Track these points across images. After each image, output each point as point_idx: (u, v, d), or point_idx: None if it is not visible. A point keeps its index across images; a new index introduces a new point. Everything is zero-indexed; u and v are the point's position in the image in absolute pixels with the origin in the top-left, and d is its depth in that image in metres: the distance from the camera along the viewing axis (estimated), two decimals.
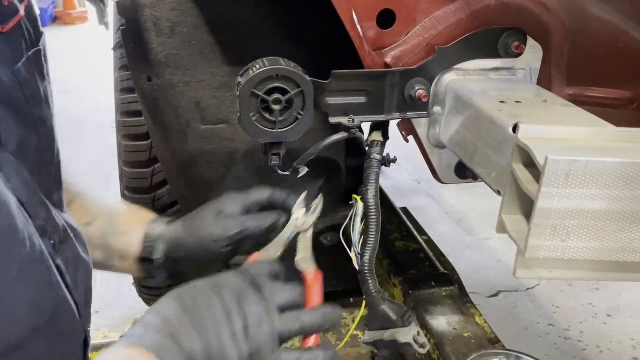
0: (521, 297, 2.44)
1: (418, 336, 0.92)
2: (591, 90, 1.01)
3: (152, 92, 1.10)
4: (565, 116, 0.83)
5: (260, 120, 0.88)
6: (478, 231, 2.89)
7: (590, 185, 0.65)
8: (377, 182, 0.98)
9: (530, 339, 2.18)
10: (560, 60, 0.99)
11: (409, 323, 0.95)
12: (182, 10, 1.06)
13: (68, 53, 5.84)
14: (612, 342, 2.17)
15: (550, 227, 0.68)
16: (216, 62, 1.09)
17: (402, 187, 3.34)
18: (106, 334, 1.84)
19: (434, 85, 0.98)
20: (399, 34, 0.97)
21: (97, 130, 3.88)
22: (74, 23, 7.40)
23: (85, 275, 0.74)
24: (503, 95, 0.89)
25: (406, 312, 0.96)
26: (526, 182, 0.70)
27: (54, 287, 0.65)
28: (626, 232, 0.67)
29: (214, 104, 1.11)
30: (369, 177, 0.97)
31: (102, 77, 3.39)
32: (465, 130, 0.92)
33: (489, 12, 0.94)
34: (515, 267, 0.72)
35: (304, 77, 0.87)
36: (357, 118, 0.96)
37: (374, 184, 0.97)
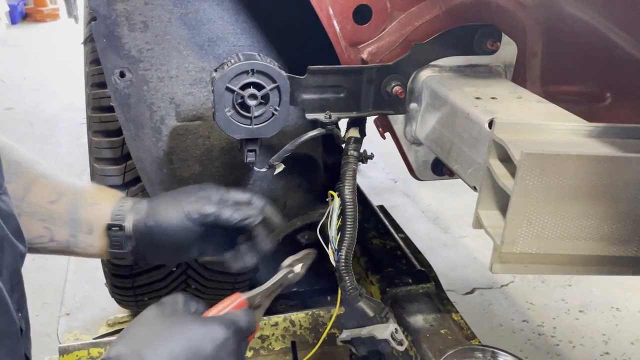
0: (496, 294, 2.47)
1: (396, 333, 0.92)
2: (564, 87, 1.02)
3: (125, 87, 1.08)
4: (539, 112, 0.84)
5: (236, 116, 0.87)
6: (454, 229, 2.92)
7: (564, 179, 0.65)
8: (354, 178, 0.98)
9: (505, 335, 2.21)
10: (534, 58, 1.00)
11: (386, 320, 0.95)
12: (155, 4, 1.04)
13: (39, 51, 5.71)
14: (584, 337, 2.21)
15: (526, 221, 0.68)
16: (191, 58, 1.08)
17: (379, 186, 3.35)
18: (78, 336, 1.80)
19: (411, 82, 0.98)
20: (375, 30, 0.97)
21: (69, 129, 3.79)
22: (44, 20, 7.24)
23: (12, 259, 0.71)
24: (479, 91, 0.90)
25: (384, 309, 0.96)
26: (502, 177, 0.71)
27: None
28: (600, 226, 0.68)
29: (189, 100, 1.09)
30: (346, 173, 0.97)
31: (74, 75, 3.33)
32: (442, 127, 0.92)
33: (464, 8, 0.95)
34: (492, 262, 0.72)
35: (280, 72, 0.86)
36: (334, 114, 0.95)
37: (351, 180, 0.97)
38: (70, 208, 0.90)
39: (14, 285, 0.71)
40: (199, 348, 0.68)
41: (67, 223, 0.90)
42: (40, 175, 0.91)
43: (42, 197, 0.88)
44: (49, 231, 0.90)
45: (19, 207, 0.87)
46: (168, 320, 0.72)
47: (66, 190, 0.91)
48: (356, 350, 0.99)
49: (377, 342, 0.94)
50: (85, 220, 0.90)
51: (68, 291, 2.14)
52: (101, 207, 0.90)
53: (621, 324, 2.29)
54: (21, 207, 0.88)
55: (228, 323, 0.72)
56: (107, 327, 1.85)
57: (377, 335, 0.93)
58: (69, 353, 1.33)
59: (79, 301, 2.10)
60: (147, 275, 1.41)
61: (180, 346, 0.67)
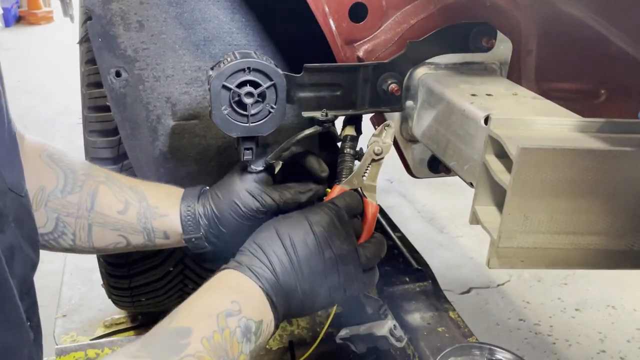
0: (492, 294, 2.47)
1: (394, 329, 0.93)
2: (559, 83, 1.03)
3: (121, 87, 1.08)
4: (534, 108, 0.84)
5: (232, 114, 0.87)
6: (450, 229, 2.92)
7: (560, 173, 0.66)
8: None
9: (502, 334, 2.21)
10: (529, 55, 1.00)
11: (384, 316, 0.95)
12: (151, 4, 1.04)
13: (33, 54, 5.70)
14: (580, 336, 2.22)
15: (523, 216, 0.69)
16: (186, 57, 1.08)
17: None
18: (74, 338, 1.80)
19: (407, 80, 0.98)
20: (371, 28, 0.97)
21: (64, 131, 3.78)
22: (39, 23, 7.22)
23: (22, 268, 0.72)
24: (474, 88, 0.90)
25: (382, 306, 0.97)
26: (498, 172, 0.71)
27: None
28: (596, 220, 0.68)
29: (185, 99, 1.09)
30: (342, 171, 0.97)
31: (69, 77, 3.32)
32: (438, 124, 0.93)
33: (459, 6, 0.95)
34: (489, 257, 0.73)
35: (276, 70, 0.86)
36: (330, 112, 0.95)
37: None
38: (141, 218, 0.93)
39: (24, 294, 0.72)
40: (301, 228, 0.80)
41: (141, 232, 0.94)
42: (98, 182, 0.94)
43: (109, 208, 0.92)
44: (125, 239, 0.94)
45: (88, 217, 0.92)
46: (279, 218, 0.84)
47: (131, 199, 0.94)
48: (355, 347, 0.99)
49: (376, 338, 0.94)
50: (158, 229, 0.94)
51: (64, 293, 2.14)
52: (171, 218, 0.94)
53: (617, 321, 2.29)
54: (91, 218, 0.92)
55: (325, 206, 0.84)
56: (104, 329, 1.84)
57: (375, 332, 0.93)
58: (66, 354, 1.33)
59: (76, 303, 2.09)
60: (144, 275, 1.41)
61: (285, 229, 0.79)
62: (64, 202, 0.91)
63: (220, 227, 0.93)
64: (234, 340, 0.69)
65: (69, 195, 0.91)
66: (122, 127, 1.10)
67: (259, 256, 0.78)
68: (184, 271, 1.44)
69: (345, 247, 0.80)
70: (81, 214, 0.91)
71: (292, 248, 0.78)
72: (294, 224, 0.81)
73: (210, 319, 0.69)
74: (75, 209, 0.91)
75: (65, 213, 0.91)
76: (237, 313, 0.71)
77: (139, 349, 0.65)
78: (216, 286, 0.76)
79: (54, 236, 0.91)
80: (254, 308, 0.74)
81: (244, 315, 0.72)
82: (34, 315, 0.77)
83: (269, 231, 0.81)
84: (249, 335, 0.71)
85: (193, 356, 0.65)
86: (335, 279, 0.80)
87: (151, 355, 0.64)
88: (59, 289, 2.18)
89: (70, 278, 2.22)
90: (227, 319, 0.70)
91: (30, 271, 0.77)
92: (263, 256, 0.78)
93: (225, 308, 0.71)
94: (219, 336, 0.68)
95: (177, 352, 0.65)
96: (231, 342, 0.69)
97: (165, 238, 0.95)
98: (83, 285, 2.16)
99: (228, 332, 0.69)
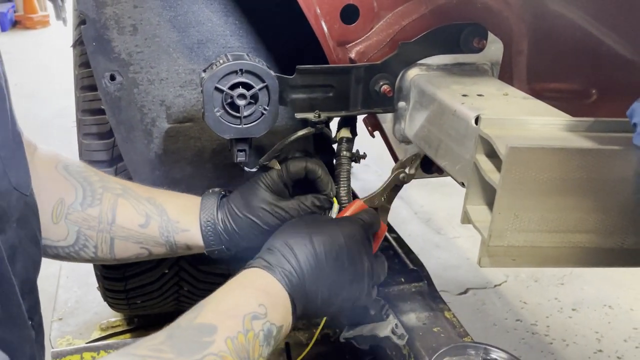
0: (489, 294, 2.48)
1: (396, 328, 0.94)
2: (550, 84, 1.03)
3: (115, 90, 1.08)
4: (525, 108, 0.85)
5: (225, 116, 0.87)
6: (446, 230, 2.93)
7: (550, 172, 0.66)
8: (349, 179, 0.99)
9: (499, 335, 2.22)
10: (520, 55, 1.01)
11: (387, 316, 0.96)
12: (144, 8, 1.05)
13: (30, 57, 5.70)
14: (577, 336, 2.22)
15: (513, 215, 0.69)
16: (180, 60, 1.08)
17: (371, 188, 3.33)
18: (70, 341, 1.79)
19: (399, 81, 0.99)
20: (362, 30, 0.97)
21: (61, 134, 3.78)
22: (35, 27, 7.22)
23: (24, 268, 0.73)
24: (465, 89, 0.91)
25: (384, 306, 0.98)
26: (489, 172, 0.72)
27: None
28: (586, 218, 0.69)
29: (179, 102, 1.10)
30: (340, 175, 0.98)
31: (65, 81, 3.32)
32: (430, 125, 0.93)
33: (450, 7, 0.96)
34: (480, 256, 0.73)
35: (269, 71, 0.87)
36: (323, 113, 0.96)
37: (346, 181, 0.98)
38: (163, 232, 0.95)
39: (25, 293, 0.73)
40: (334, 238, 0.82)
41: (164, 245, 0.95)
42: (116, 195, 0.95)
43: (131, 222, 0.94)
44: (147, 250, 0.96)
45: (110, 231, 0.93)
46: (309, 222, 0.88)
47: (151, 212, 0.95)
48: (358, 344, 1.00)
49: (379, 340, 0.95)
50: (180, 242, 0.96)
51: (60, 296, 2.14)
52: (192, 232, 0.95)
53: (614, 321, 2.30)
54: (113, 232, 0.93)
55: (355, 220, 0.89)
56: (100, 332, 1.84)
57: (378, 333, 0.94)
58: (62, 357, 1.33)
59: (72, 306, 2.09)
60: (140, 278, 1.41)
61: (319, 237, 0.81)
62: (85, 216, 0.92)
63: (241, 241, 0.95)
64: (256, 343, 0.70)
65: (89, 208, 0.92)
66: (117, 131, 1.10)
67: (290, 259, 0.79)
68: (179, 273, 1.44)
69: (366, 263, 0.84)
70: (103, 227, 0.92)
71: (323, 257, 0.80)
72: (327, 233, 0.83)
73: (236, 319, 0.70)
74: (97, 222, 0.92)
75: (86, 226, 0.92)
76: (263, 317, 0.72)
77: (163, 342, 0.66)
78: (245, 285, 0.76)
79: (75, 249, 0.92)
80: (279, 313, 0.75)
81: (268, 320, 0.72)
82: (35, 315, 0.77)
83: (302, 236, 0.81)
84: (269, 339, 0.72)
85: (216, 355, 0.65)
86: (351, 292, 0.82)
87: (174, 350, 0.64)
88: (55, 292, 2.17)
89: (66, 281, 2.22)
90: (253, 322, 0.71)
91: (33, 270, 0.77)
92: (294, 260, 0.79)
93: (253, 310, 0.72)
94: (242, 337, 0.69)
95: (201, 350, 0.65)
96: (253, 345, 0.70)
97: (187, 249, 0.97)
98: (79, 288, 2.16)
99: (252, 334, 0.70)
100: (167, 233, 0.95)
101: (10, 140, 0.73)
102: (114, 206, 0.94)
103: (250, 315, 0.71)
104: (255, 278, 0.78)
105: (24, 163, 0.76)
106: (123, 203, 0.94)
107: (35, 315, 0.77)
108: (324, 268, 0.80)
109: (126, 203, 0.95)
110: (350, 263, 0.82)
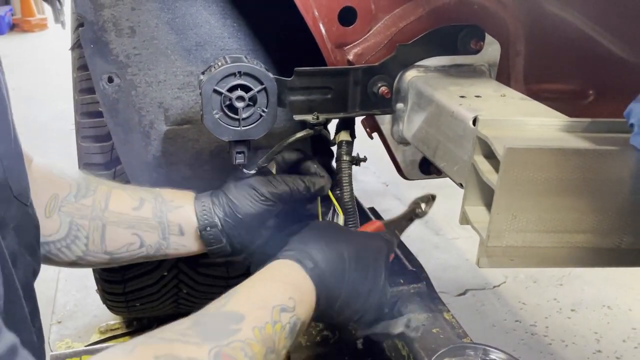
0: (488, 295, 2.48)
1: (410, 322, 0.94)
2: (548, 85, 1.04)
3: (113, 92, 1.08)
4: (522, 109, 0.85)
5: (224, 118, 0.87)
6: (445, 231, 2.93)
7: (547, 172, 0.67)
8: (351, 183, 0.99)
9: (498, 336, 2.22)
10: (517, 57, 1.01)
11: (399, 314, 0.97)
12: (142, 10, 1.05)
13: (28, 61, 5.69)
14: (576, 336, 2.22)
15: (511, 215, 0.69)
16: (178, 62, 1.08)
17: (371, 190, 3.36)
18: (69, 344, 1.79)
19: (397, 82, 0.99)
20: (360, 32, 0.98)
21: (59, 137, 3.78)
22: (32, 30, 7.22)
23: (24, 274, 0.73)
24: (463, 90, 0.91)
25: (396, 303, 0.98)
26: (487, 172, 0.72)
27: None
28: (583, 219, 0.69)
29: (177, 104, 1.10)
30: (342, 179, 0.98)
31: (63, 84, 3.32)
32: (428, 126, 0.93)
33: (447, 9, 0.96)
34: (478, 257, 0.73)
35: (267, 74, 0.87)
36: (322, 115, 0.96)
37: (348, 185, 0.99)
38: (156, 212, 0.94)
39: (26, 298, 0.73)
40: (361, 247, 0.84)
41: (156, 227, 0.94)
42: (112, 186, 0.95)
43: (124, 205, 0.93)
44: (139, 237, 0.94)
45: (102, 218, 0.92)
46: (335, 228, 0.90)
47: (146, 196, 0.95)
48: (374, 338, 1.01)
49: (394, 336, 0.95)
50: (174, 223, 0.94)
51: (59, 299, 2.14)
52: (186, 209, 0.95)
53: (613, 321, 2.30)
54: (105, 218, 0.92)
55: (382, 236, 0.92)
56: (99, 335, 1.84)
57: (392, 330, 0.94)
58: None
59: (70, 309, 2.09)
60: (139, 280, 1.41)
61: (347, 243, 0.82)
62: (78, 206, 0.92)
63: (237, 213, 0.93)
64: (282, 335, 0.71)
65: (83, 199, 0.92)
66: (114, 133, 1.10)
67: (318, 257, 0.79)
68: (178, 276, 1.44)
69: (384, 278, 0.85)
70: (95, 214, 0.92)
71: (350, 262, 0.81)
72: (356, 240, 0.85)
73: (265, 310, 0.70)
74: (89, 211, 0.92)
75: (79, 216, 0.91)
76: (291, 310, 0.72)
77: (189, 327, 0.66)
78: (275, 277, 0.77)
79: (66, 242, 0.91)
80: (305, 308, 0.75)
81: (296, 314, 0.73)
82: (36, 320, 0.78)
83: (331, 239, 0.82)
84: (294, 333, 0.73)
85: (243, 342, 0.65)
86: (366, 303, 0.83)
87: (200, 335, 0.64)
88: (53, 296, 2.17)
89: (65, 284, 2.22)
90: (282, 314, 0.71)
91: (32, 277, 0.78)
92: (323, 258, 0.79)
93: (282, 302, 0.72)
94: (270, 328, 0.69)
95: (227, 336, 0.65)
96: (280, 336, 0.70)
97: (180, 234, 0.95)
98: (78, 291, 2.16)
99: (279, 326, 0.70)
100: (160, 213, 0.94)
101: (12, 150, 0.73)
102: (108, 195, 0.93)
103: (279, 307, 0.71)
104: (287, 271, 0.78)
105: (24, 173, 0.77)
106: (118, 192, 0.95)
107: (36, 320, 0.78)
108: (349, 273, 0.80)
109: (121, 192, 0.95)
110: (372, 274, 0.83)
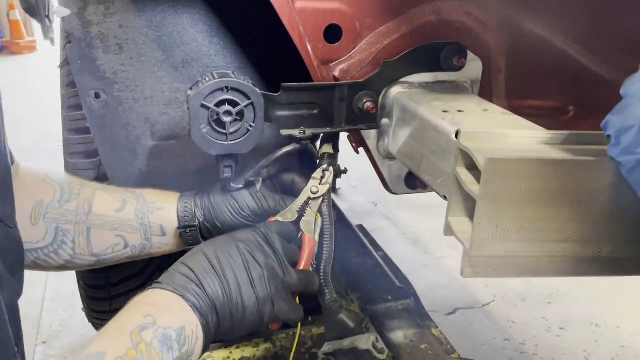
0: (477, 314, 2.48)
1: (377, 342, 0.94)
2: (529, 101, 1.06)
3: (100, 108, 1.09)
4: (503, 123, 0.87)
5: (211, 133, 0.88)
6: (434, 250, 2.94)
7: (527, 183, 0.68)
8: (330, 193, 1.00)
9: (488, 355, 2.21)
10: (499, 74, 1.04)
11: (367, 330, 0.96)
12: (130, 27, 1.06)
13: (16, 83, 5.69)
14: (565, 355, 2.22)
15: (493, 225, 0.70)
16: (165, 79, 1.09)
17: (359, 210, 3.37)
18: None
19: (381, 98, 1.01)
20: (346, 49, 1.00)
21: (47, 159, 3.76)
22: (21, 52, 7.24)
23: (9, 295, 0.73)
24: (446, 105, 0.93)
25: (364, 320, 0.97)
26: (469, 183, 0.73)
27: None
28: (563, 228, 0.70)
29: (164, 119, 1.11)
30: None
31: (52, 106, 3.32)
32: (412, 140, 0.95)
33: (430, 28, 0.98)
34: (462, 267, 0.74)
35: (254, 89, 0.88)
36: (308, 130, 0.97)
37: (327, 194, 0.99)
38: (138, 214, 0.95)
39: (11, 319, 0.73)
40: (229, 246, 0.83)
41: (138, 229, 0.95)
42: (95, 189, 0.96)
43: (107, 207, 0.94)
44: (123, 239, 0.95)
45: (86, 221, 0.93)
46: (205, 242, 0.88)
47: (128, 197, 0.96)
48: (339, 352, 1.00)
49: (359, 353, 0.95)
50: (155, 224, 0.96)
51: (45, 319, 2.11)
52: (168, 210, 0.97)
53: (601, 339, 2.31)
54: (89, 221, 0.94)
55: (252, 229, 0.88)
56: None
57: (359, 346, 0.94)
58: None
59: (56, 329, 2.06)
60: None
61: (212, 249, 0.82)
62: (62, 211, 0.92)
63: (215, 219, 0.96)
64: (151, 351, 0.69)
65: (67, 203, 0.93)
66: (101, 148, 1.10)
67: (181, 270, 0.79)
68: None
69: (271, 262, 0.84)
70: (80, 219, 0.93)
71: (216, 260, 0.80)
72: (219, 241, 0.85)
73: (124, 338, 0.69)
74: (74, 216, 0.92)
75: (64, 221, 0.92)
76: (151, 325, 0.71)
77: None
78: (130, 306, 0.76)
79: (54, 248, 0.92)
80: (171, 316, 0.74)
81: (159, 326, 0.71)
82: (19, 342, 0.77)
83: (194, 251, 0.83)
84: (169, 343, 0.71)
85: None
86: (262, 291, 0.81)
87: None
88: (38, 316, 2.14)
89: (50, 304, 2.19)
90: (142, 333, 0.70)
91: (16, 297, 0.78)
92: (185, 269, 0.79)
93: (139, 324, 0.71)
94: (134, 352, 0.68)
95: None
96: (149, 354, 0.69)
97: (162, 234, 0.96)
98: (64, 311, 2.13)
99: (144, 345, 0.69)
100: (142, 214, 0.95)
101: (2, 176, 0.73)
102: (91, 198, 0.94)
103: (137, 329, 0.70)
104: (143, 297, 0.77)
105: (10, 196, 0.77)
106: (101, 194, 0.96)
107: (20, 343, 0.77)
108: (220, 269, 0.80)
109: (104, 194, 0.96)
110: (250, 262, 0.82)
